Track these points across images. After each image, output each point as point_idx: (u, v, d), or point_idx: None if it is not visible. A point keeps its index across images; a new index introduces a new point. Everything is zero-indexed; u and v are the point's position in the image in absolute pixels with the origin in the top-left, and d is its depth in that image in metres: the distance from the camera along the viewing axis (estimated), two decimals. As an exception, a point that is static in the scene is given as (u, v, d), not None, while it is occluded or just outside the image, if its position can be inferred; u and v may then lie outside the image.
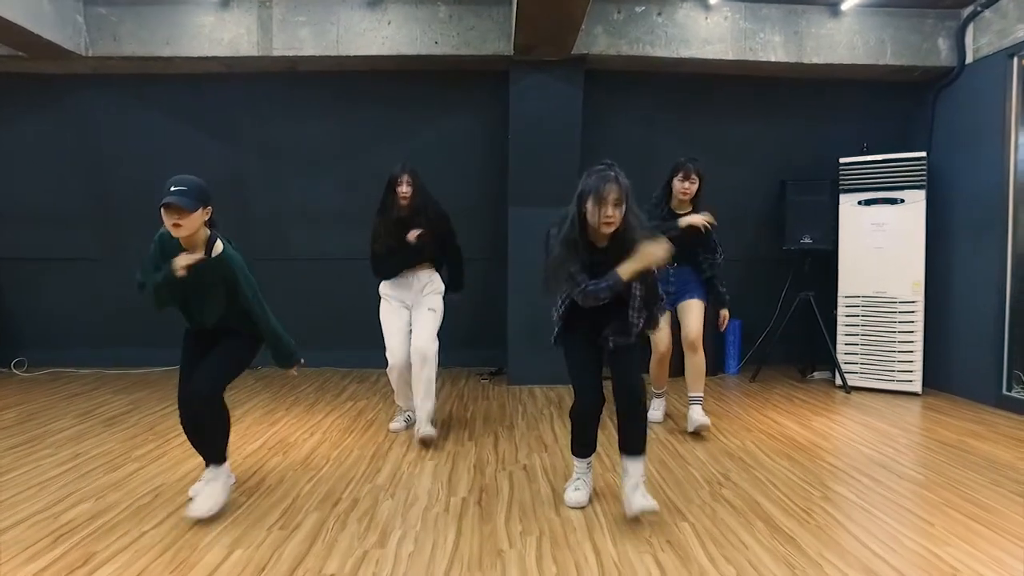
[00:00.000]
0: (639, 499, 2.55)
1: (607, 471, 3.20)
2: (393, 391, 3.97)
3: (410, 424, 3.95)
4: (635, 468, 2.62)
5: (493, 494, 2.91)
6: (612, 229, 2.54)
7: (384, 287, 3.88)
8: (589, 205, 2.52)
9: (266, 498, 2.86)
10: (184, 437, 2.88)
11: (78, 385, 5.13)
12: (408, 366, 3.73)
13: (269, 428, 3.96)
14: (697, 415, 3.79)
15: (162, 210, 2.50)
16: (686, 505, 2.78)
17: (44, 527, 2.53)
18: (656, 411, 4.11)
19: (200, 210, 2.54)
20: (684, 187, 3.74)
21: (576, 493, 2.80)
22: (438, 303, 3.80)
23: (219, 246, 2.62)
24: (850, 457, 3.44)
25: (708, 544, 2.40)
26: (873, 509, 2.74)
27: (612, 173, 2.52)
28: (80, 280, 5.69)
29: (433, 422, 3.69)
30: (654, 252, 2.52)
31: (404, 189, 3.69)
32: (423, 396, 3.65)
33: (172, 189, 2.49)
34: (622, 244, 2.56)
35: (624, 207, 2.53)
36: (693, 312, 3.87)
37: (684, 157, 3.80)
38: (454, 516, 2.67)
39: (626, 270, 2.52)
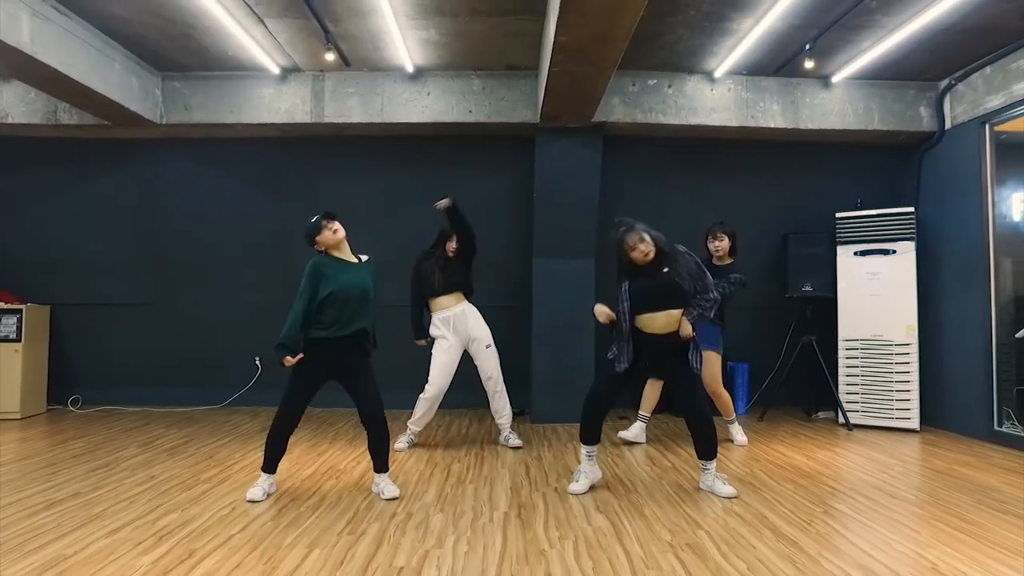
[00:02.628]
0: (721, 487, 3.46)
1: (630, 492, 3.57)
2: (414, 416, 4.64)
3: (411, 445, 4.67)
4: (709, 467, 3.54)
5: (531, 509, 3.28)
6: (648, 258, 3.44)
7: (434, 328, 4.62)
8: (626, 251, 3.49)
9: (329, 511, 3.24)
10: (241, 464, 3.41)
11: (131, 421, 5.53)
12: (440, 399, 4.59)
13: (318, 458, 4.34)
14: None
15: (323, 222, 3.42)
16: (702, 518, 3.14)
17: (145, 530, 2.92)
18: (630, 431, 4.79)
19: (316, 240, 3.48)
20: (715, 246, 4.66)
21: (576, 484, 3.56)
22: (490, 338, 4.67)
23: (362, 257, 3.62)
24: (849, 482, 3.79)
25: (722, 546, 2.77)
26: (868, 521, 3.10)
27: (623, 226, 3.49)
28: (132, 324, 6.16)
29: (517, 435, 4.77)
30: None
31: (454, 245, 4.63)
32: (502, 410, 4.72)
33: (320, 214, 3.45)
34: (660, 263, 3.48)
35: (648, 239, 3.43)
36: (709, 362, 4.54)
37: (713, 222, 4.71)
38: (499, 525, 3.04)
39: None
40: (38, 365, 5.84)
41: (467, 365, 4.72)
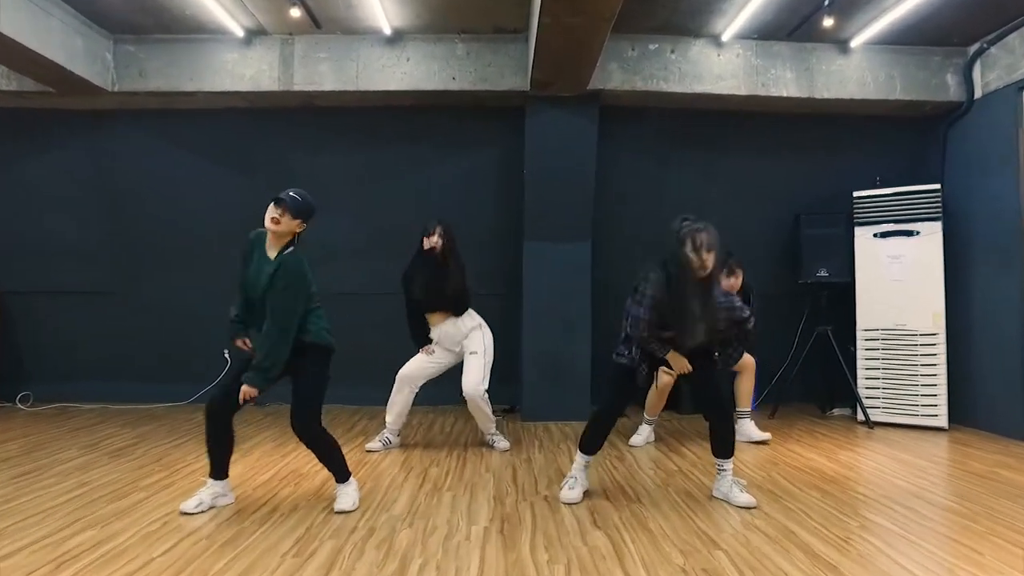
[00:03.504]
0: (739, 496, 3.01)
1: (632, 502, 3.09)
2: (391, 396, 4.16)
3: (388, 447, 4.16)
4: (728, 467, 3.11)
5: (516, 523, 2.80)
6: (705, 272, 2.92)
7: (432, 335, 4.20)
8: (686, 253, 2.90)
9: (279, 526, 2.75)
10: (191, 468, 2.94)
11: (84, 419, 5.04)
12: (415, 385, 4.14)
13: (280, 460, 3.85)
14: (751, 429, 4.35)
15: (272, 203, 2.83)
16: (718, 534, 2.66)
17: (47, 554, 2.43)
18: (639, 436, 4.35)
19: (299, 221, 2.86)
20: (729, 284, 4.22)
21: (570, 492, 3.12)
22: (479, 344, 4.10)
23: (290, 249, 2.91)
24: (882, 488, 3.32)
25: (746, 572, 2.29)
26: (914, 537, 2.62)
27: (701, 225, 2.95)
28: (91, 314, 5.66)
29: (504, 436, 4.29)
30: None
31: (435, 239, 4.03)
32: (484, 422, 4.17)
33: (289, 192, 2.84)
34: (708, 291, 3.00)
35: (715, 253, 2.93)
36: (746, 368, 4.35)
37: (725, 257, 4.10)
38: (476, 544, 2.56)
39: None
40: (-17, 359, 5.35)
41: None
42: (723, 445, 3.13)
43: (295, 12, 4.22)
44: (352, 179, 5.50)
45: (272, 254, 2.89)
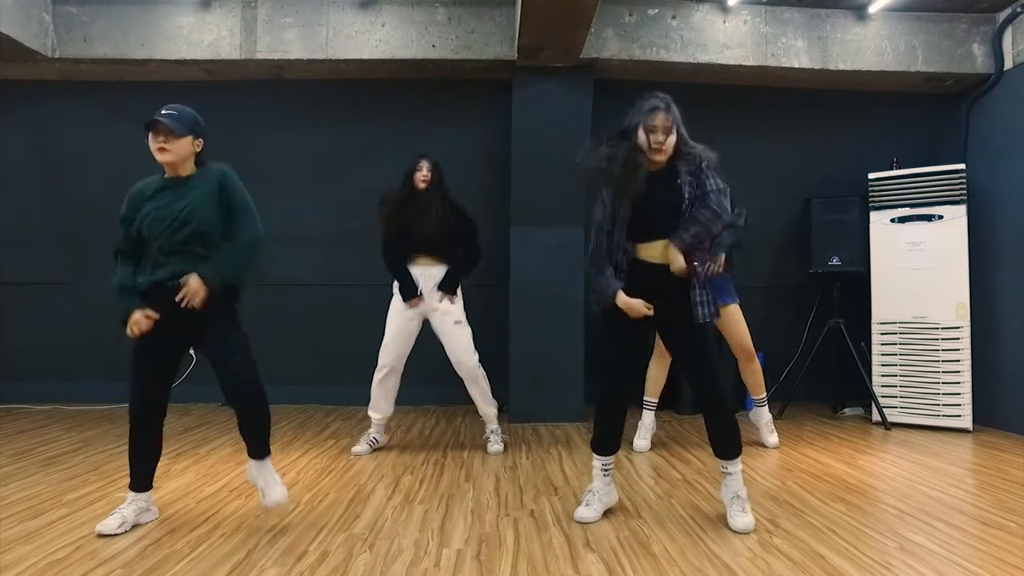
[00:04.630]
0: (736, 516, 2.48)
1: (631, 518, 2.67)
2: (371, 401, 3.74)
3: (375, 448, 3.77)
4: (731, 470, 2.55)
5: (495, 546, 2.37)
6: (663, 156, 2.48)
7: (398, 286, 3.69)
8: (639, 132, 2.45)
9: (217, 549, 2.32)
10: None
11: (27, 422, 4.58)
12: (399, 373, 3.71)
13: (235, 468, 3.41)
14: (767, 431, 3.91)
15: (148, 134, 2.38)
16: (733, 558, 2.24)
17: (-76, 587, 1.99)
18: (642, 438, 3.83)
19: (190, 137, 2.44)
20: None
21: (585, 509, 2.62)
22: (460, 312, 3.69)
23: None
24: (915, 500, 2.91)
25: (772, 610, 1.87)
26: (967, 563, 2.21)
27: (662, 103, 2.45)
28: (40, 307, 5.19)
29: (502, 438, 3.86)
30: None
31: (424, 174, 3.65)
32: (485, 404, 3.80)
33: (162, 112, 2.39)
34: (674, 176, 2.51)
35: (675, 135, 2.48)
36: (736, 318, 3.71)
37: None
38: (446, 573, 2.13)
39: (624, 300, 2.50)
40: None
41: (440, 352, 3.78)
42: (723, 441, 2.56)
43: (254, -33, 3.77)
44: (322, 159, 5.07)
45: (179, 177, 2.49)
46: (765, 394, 3.92)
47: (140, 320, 2.38)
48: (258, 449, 2.54)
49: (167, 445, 3.75)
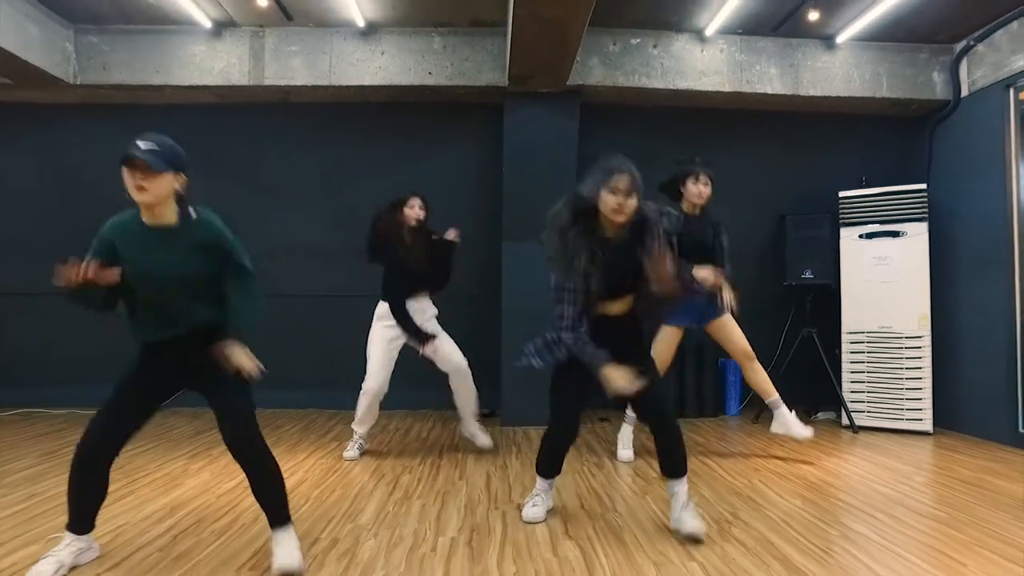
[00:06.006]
0: (689, 520, 2.59)
1: (608, 511, 2.97)
2: (356, 417, 3.95)
3: (363, 451, 4.02)
4: (680, 489, 2.66)
5: (485, 534, 2.68)
6: (624, 218, 2.50)
7: (382, 312, 3.89)
8: (602, 193, 2.49)
9: (237, 538, 2.62)
10: (152, 476, 2.70)
11: (46, 425, 4.85)
12: (383, 394, 3.86)
13: (247, 467, 3.70)
14: (795, 424, 3.88)
15: (123, 170, 2.07)
16: (694, 545, 2.54)
17: (-16, 570, 2.28)
18: (626, 450, 3.95)
19: (171, 174, 2.12)
20: (698, 190, 3.77)
21: (534, 509, 2.84)
22: (437, 326, 3.98)
23: (194, 213, 2.22)
24: (866, 495, 3.22)
25: (722, 586, 2.18)
26: (898, 548, 2.52)
27: (625, 167, 2.53)
28: (55, 316, 5.45)
29: (483, 430, 4.15)
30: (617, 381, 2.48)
31: (417, 212, 3.84)
32: (471, 401, 4.03)
33: (140, 144, 2.07)
34: (633, 241, 2.55)
35: (636, 199, 2.51)
36: (729, 327, 3.88)
37: (692, 159, 3.81)
38: (442, 558, 2.43)
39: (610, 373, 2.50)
40: (-59, 362, 5.13)
41: (430, 362, 4.07)
42: (672, 462, 2.66)
43: (263, 2, 4.07)
44: (326, 177, 5.37)
45: (162, 226, 2.21)
46: (776, 394, 3.92)
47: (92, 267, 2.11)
48: (273, 515, 2.29)
49: (182, 446, 4.11)
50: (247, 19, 4.64)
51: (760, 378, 3.94)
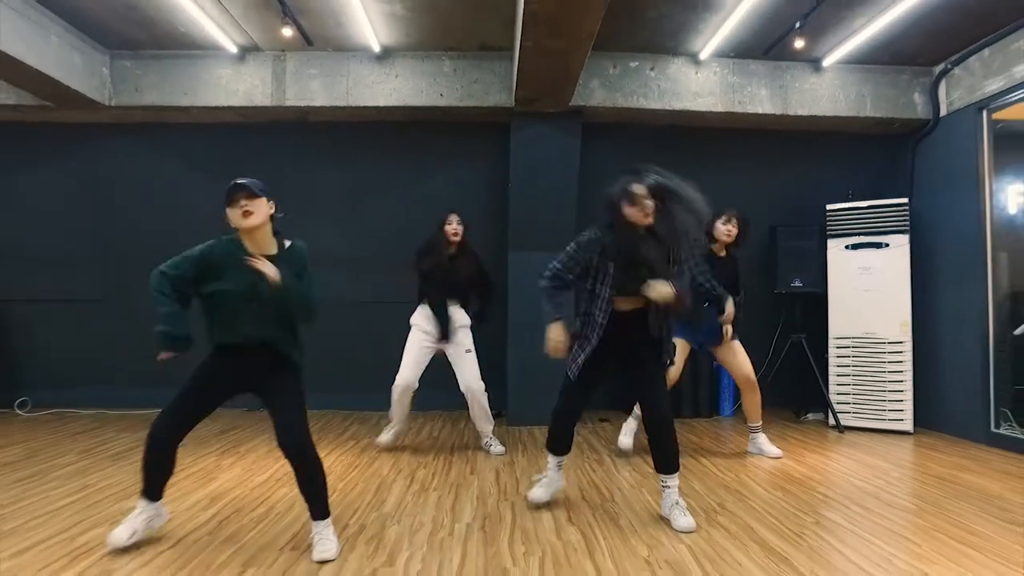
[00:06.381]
0: (678, 519, 2.86)
1: (606, 501, 3.28)
2: (391, 405, 4.29)
3: (397, 439, 4.40)
4: (671, 484, 2.95)
5: (496, 521, 2.99)
6: (650, 219, 2.89)
7: (417, 317, 4.29)
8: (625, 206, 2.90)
9: (275, 524, 2.93)
10: (189, 471, 2.98)
11: (80, 424, 5.18)
12: (412, 390, 4.23)
13: (275, 463, 4.01)
14: (766, 445, 4.25)
15: (228, 202, 2.47)
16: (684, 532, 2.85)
17: (60, 549, 2.60)
18: (626, 437, 4.33)
19: (266, 199, 2.55)
20: (727, 229, 4.22)
21: (539, 490, 3.21)
22: (470, 342, 4.30)
23: (286, 242, 2.66)
24: (842, 489, 3.52)
25: (704, 563, 2.49)
26: (864, 533, 2.83)
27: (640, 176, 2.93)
28: (84, 322, 5.78)
29: (499, 440, 4.44)
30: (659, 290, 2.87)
31: (454, 227, 4.21)
32: (483, 422, 4.34)
33: (237, 182, 2.49)
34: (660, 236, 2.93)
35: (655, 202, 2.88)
36: (735, 351, 4.23)
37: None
38: (459, 540, 2.74)
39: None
40: (-20, 365, 5.45)
41: (444, 365, 4.39)
42: (664, 458, 2.95)
43: (287, 31, 4.38)
44: (343, 191, 5.69)
45: (264, 254, 2.58)
46: (760, 422, 4.30)
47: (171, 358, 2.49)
48: (315, 509, 2.59)
49: (211, 443, 4.43)
50: (270, 44, 4.96)
51: (754, 405, 4.28)
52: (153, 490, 2.68)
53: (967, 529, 2.88)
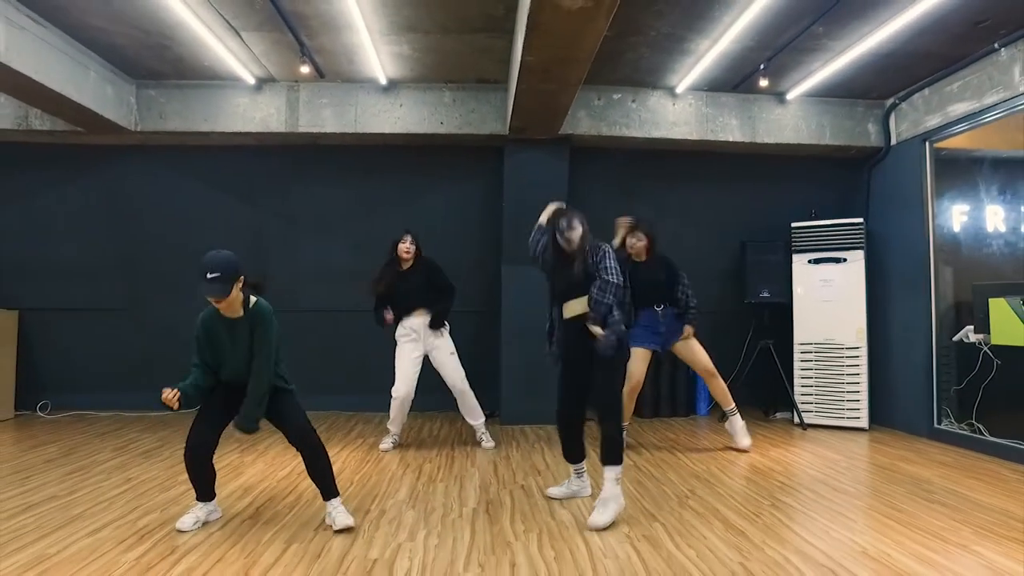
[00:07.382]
0: (595, 513, 3.13)
1: (595, 490, 3.76)
2: (390, 418, 4.75)
3: (396, 445, 4.81)
4: (607, 476, 3.20)
5: (498, 506, 3.46)
6: (572, 247, 3.36)
7: (401, 328, 4.77)
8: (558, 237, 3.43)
9: (306, 509, 3.37)
10: (217, 466, 3.39)
11: (103, 426, 5.55)
12: (410, 399, 4.70)
13: (293, 459, 4.43)
14: (739, 433, 4.74)
15: (206, 290, 2.87)
16: (658, 511, 3.35)
17: (127, 529, 3.03)
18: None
19: (235, 286, 2.91)
20: (632, 243, 4.69)
21: (556, 488, 3.62)
22: (451, 345, 4.77)
23: (252, 300, 3.08)
24: (798, 477, 4.04)
25: (675, 536, 2.98)
26: (811, 513, 3.34)
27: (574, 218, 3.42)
28: (103, 330, 6.16)
29: (489, 436, 4.90)
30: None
31: (407, 245, 4.71)
32: (473, 417, 4.85)
33: (208, 277, 2.82)
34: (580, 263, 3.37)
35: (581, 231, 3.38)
36: (692, 348, 4.75)
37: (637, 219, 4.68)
38: (467, 520, 3.21)
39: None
40: (6, 370, 5.82)
41: (437, 371, 4.86)
42: (611, 449, 3.21)
43: (304, 69, 4.84)
44: (350, 209, 6.16)
45: (235, 317, 3.02)
46: (733, 404, 4.77)
47: (175, 401, 2.96)
48: (325, 490, 3.11)
49: (229, 443, 4.91)
50: (285, 76, 5.41)
51: (720, 391, 4.79)
52: (204, 492, 3.15)
53: (895, 507, 3.40)
